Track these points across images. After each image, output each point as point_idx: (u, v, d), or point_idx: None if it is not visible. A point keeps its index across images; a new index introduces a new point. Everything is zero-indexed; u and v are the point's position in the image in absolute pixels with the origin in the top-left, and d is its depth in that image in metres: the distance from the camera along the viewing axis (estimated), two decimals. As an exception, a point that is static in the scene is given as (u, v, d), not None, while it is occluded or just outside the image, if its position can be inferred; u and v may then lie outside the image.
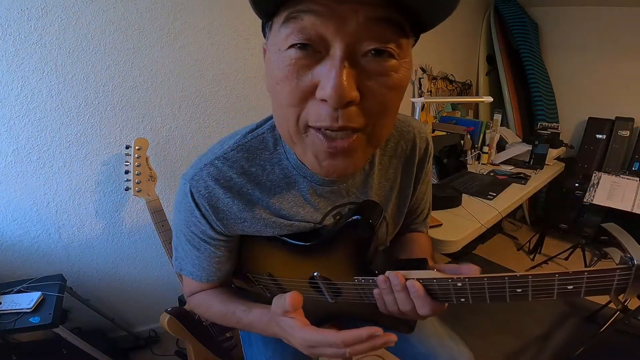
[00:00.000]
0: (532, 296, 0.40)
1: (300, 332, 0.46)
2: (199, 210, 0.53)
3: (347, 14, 0.33)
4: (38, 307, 1.00)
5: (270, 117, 0.55)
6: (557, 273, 0.37)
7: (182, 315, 1.16)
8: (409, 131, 0.61)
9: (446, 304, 0.48)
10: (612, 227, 0.41)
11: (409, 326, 0.59)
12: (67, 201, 1.22)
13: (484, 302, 0.43)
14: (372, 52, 0.35)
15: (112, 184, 1.28)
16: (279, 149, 0.53)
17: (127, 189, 1.12)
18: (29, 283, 1.10)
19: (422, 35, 0.42)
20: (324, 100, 0.36)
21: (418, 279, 0.45)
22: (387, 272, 0.47)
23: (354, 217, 0.52)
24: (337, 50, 0.34)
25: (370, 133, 0.40)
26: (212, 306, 0.63)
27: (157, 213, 1.14)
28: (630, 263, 0.34)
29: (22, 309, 0.98)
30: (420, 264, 0.51)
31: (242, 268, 0.68)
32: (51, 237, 1.23)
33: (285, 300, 0.46)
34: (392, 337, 0.42)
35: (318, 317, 0.67)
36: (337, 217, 0.59)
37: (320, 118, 0.37)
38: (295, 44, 0.35)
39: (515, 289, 0.40)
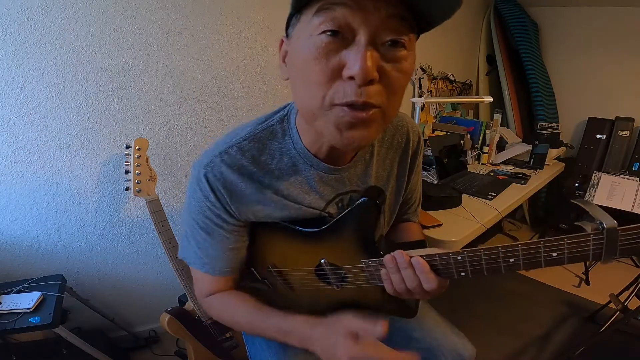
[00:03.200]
0: (524, 265, 0.44)
1: (351, 345, 0.48)
2: (214, 194, 0.56)
3: (372, 9, 0.40)
4: (38, 307, 1.00)
5: (278, 110, 0.60)
6: (541, 241, 0.42)
7: (182, 315, 1.16)
8: (403, 125, 0.68)
9: (448, 280, 0.51)
10: (579, 201, 0.46)
11: (411, 310, 0.61)
12: (67, 201, 1.22)
13: (481, 274, 0.47)
14: (389, 42, 0.42)
15: (112, 184, 1.28)
16: (287, 139, 0.58)
17: (127, 189, 1.12)
18: (29, 283, 1.10)
19: (422, 35, 0.48)
20: (350, 78, 0.42)
21: (421, 256, 0.49)
22: (394, 252, 0.51)
23: (361, 199, 0.56)
24: (362, 37, 0.41)
25: (385, 110, 0.46)
26: (239, 310, 0.64)
27: (157, 213, 1.14)
28: (600, 227, 0.39)
29: (22, 309, 0.98)
30: (421, 245, 0.55)
31: (248, 262, 0.68)
32: (51, 237, 1.23)
33: (379, 329, 0.47)
34: None
35: (322, 307, 0.68)
36: (340, 204, 0.62)
37: (347, 94, 0.43)
38: (327, 31, 0.41)
39: (508, 258, 0.44)
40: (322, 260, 0.60)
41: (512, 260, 0.44)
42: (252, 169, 0.57)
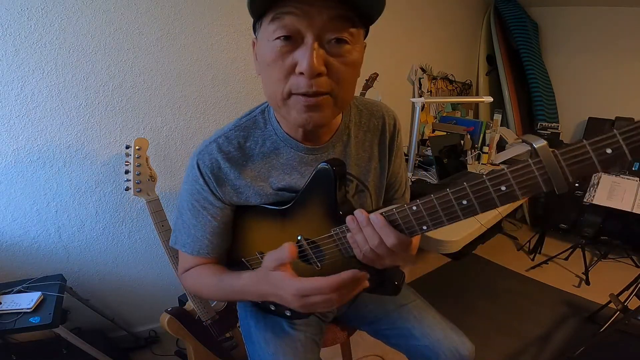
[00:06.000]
0: (479, 206, 0.43)
1: (292, 283, 0.51)
2: (203, 178, 0.63)
3: (315, 14, 0.47)
4: (38, 307, 1.00)
5: (260, 105, 0.68)
6: (483, 175, 0.41)
7: (182, 315, 1.16)
8: (378, 110, 0.73)
9: (415, 240, 0.53)
10: (523, 136, 0.45)
11: (395, 287, 0.60)
12: (67, 201, 1.22)
13: (442, 224, 0.46)
14: (334, 40, 0.50)
15: (112, 184, 1.28)
16: (268, 127, 0.65)
17: (127, 189, 1.12)
18: (29, 283, 1.10)
19: (422, 35, 0.54)
20: (301, 74, 0.50)
21: (380, 213, 0.51)
22: (355, 211, 0.53)
23: (319, 166, 0.59)
24: (309, 39, 0.49)
25: (336, 96, 0.54)
26: (203, 279, 0.68)
27: (157, 213, 1.14)
28: (532, 149, 0.38)
29: (22, 309, 0.98)
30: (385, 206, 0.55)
31: (236, 252, 0.71)
32: (51, 237, 1.23)
33: (285, 251, 0.51)
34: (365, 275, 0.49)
35: None
36: None
37: (300, 86, 0.51)
38: (280, 36, 0.49)
39: (460, 200, 0.44)
40: (299, 237, 0.62)
41: (465, 202, 0.43)
42: (238, 154, 0.64)
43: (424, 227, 0.48)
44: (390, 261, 0.52)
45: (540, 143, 0.37)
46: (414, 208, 0.47)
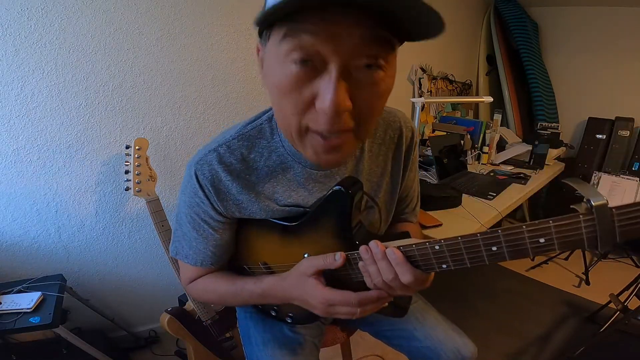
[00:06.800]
0: (509, 254, 0.39)
1: (323, 292, 0.51)
2: (203, 191, 0.58)
3: (343, 34, 0.37)
4: (38, 307, 1.00)
5: (267, 110, 0.61)
6: (523, 225, 0.37)
7: (182, 315, 1.16)
8: (395, 121, 0.66)
9: (431, 275, 0.49)
10: (570, 180, 0.42)
11: (401, 309, 0.59)
12: (67, 201, 1.22)
13: (464, 265, 0.43)
14: (364, 65, 0.40)
15: (112, 184, 1.28)
16: (275, 138, 0.59)
17: (127, 189, 1.12)
18: (29, 283, 1.10)
19: None
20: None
21: (398, 247, 0.47)
22: (369, 242, 0.49)
23: (334, 188, 0.55)
24: (333, 67, 0.39)
25: (358, 130, 0.46)
26: (218, 287, 0.65)
27: (157, 213, 1.14)
28: (589, 205, 0.34)
29: (22, 309, 0.98)
30: (403, 236, 0.52)
31: (239, 261, 0.70)
32: (51, 237, 1.23)
33: (338, 259, 0.51)
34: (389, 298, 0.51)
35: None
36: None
37: (320, 124, 0.43)
38: (296, 60, 0.39)
39: (490, 246, 0.40)
40: (305, 255, 0.60)
41: (494, 248, 0.40)
42: (240, 167, 0.58)
43: (444, 266, 0.44)
44: (402, 293, 0.50)
45: (599, 201, 0.33)
46: (437, 247, 0.44)
